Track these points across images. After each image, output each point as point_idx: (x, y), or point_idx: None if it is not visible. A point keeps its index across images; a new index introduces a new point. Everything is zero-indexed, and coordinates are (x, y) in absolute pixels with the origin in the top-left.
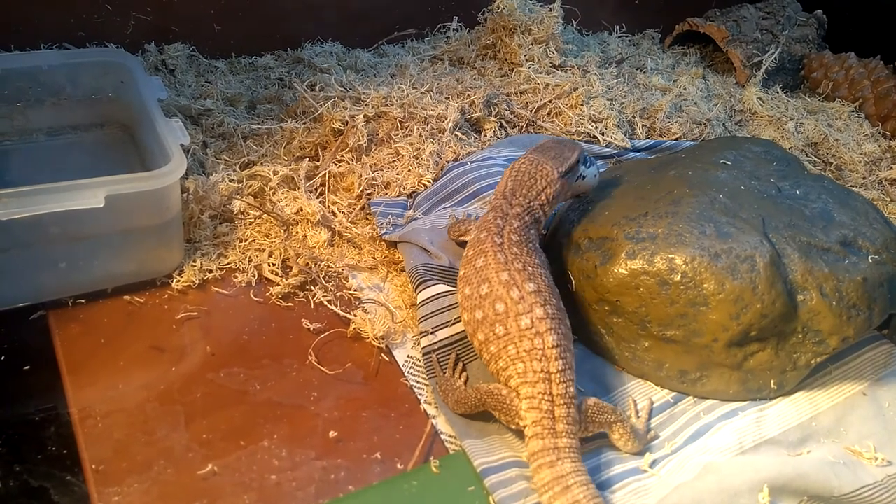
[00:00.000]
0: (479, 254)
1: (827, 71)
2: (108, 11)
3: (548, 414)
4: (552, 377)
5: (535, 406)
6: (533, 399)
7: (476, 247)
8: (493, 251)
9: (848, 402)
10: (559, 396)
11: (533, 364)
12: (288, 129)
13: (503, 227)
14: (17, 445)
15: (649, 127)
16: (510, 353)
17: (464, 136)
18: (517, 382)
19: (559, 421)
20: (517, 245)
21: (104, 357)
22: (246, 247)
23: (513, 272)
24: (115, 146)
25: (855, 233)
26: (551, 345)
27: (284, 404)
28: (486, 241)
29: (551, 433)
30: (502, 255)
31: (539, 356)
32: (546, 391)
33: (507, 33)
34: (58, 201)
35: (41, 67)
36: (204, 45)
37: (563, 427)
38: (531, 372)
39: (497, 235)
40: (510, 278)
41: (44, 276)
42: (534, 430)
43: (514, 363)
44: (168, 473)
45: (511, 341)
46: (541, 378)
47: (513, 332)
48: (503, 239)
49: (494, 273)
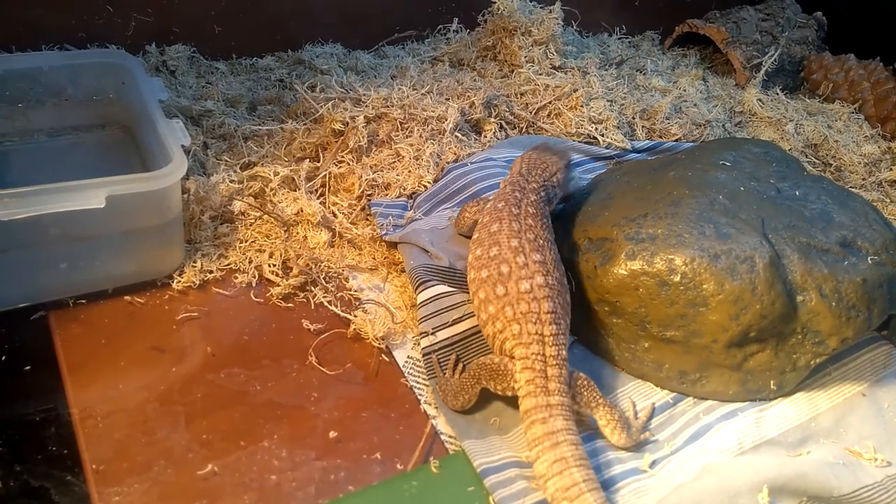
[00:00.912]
0: (495, 220)
1: (827, 72)
2: (109, 13)
3: (540, 373)
4: (545, 339)
5: (528, 366)
6: (526, 360)
7: (492, 214)
8: (508, 218)
9: (847, 403)
10: (552, 357)
11: (528, 326)
12: (288, 130)
13: (521, 200)
14: (18, 445)
15: (649, 128)
16: (507, 315)
17: (464, 137)
18: (512, 344)
19: (551, 380)
20: (532, 217)
21: (105, 357)
22: (246, 247)
23: (523, 241)
24: (116, 147)
25: (854, 234)
26: (547, 310)
27: (284, 405)
28: (504, 209)
29: (544, 391)
30: (517, 223)
31: (534, 319)
32: (539, 352)
33: (507, 35)
34: (59, 202)
35: (42, 68)
36: (205, 47)
37: (555, 385)
38: (526, 334)
39: (515, 206)
40: (520, 245)
41: (44, 277)
42: (527, 389)
43: (510, 324)
44: (168, 473)
45: (509, 303)
46: (535, 339)
47: (512, 293)
48: (520, 210)
49: (506, 238)
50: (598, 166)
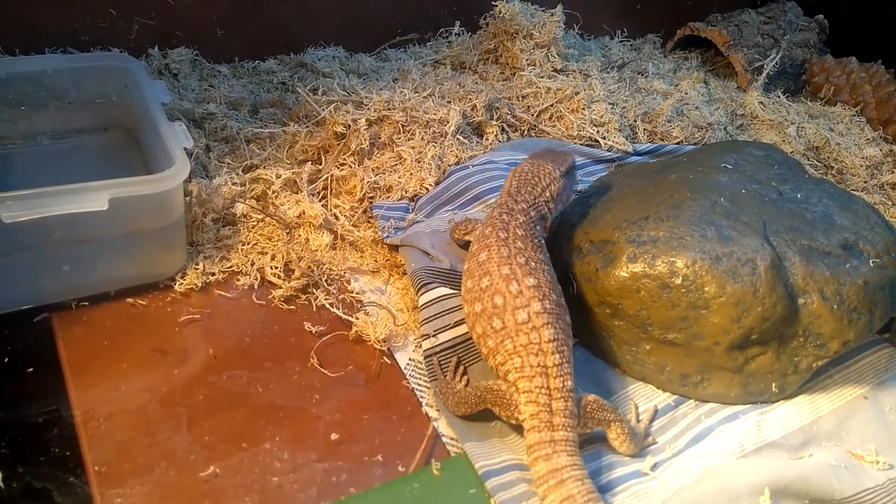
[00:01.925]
0: (483, 248)
1: (828, 75)
2: (113, 16)
3: (545, 407)
4: (549, 371)
5: (532, 400)
6: (530, 393)
7: (480, 241)
8: (496, 245)
9: (849, 406)
10: (556, 390)
11: (530, 358)
12: (290, 133)
13: (508, 223)
14: (21, 447)
15: (650, 131)
16: (507, 348)
17: (465, 139)
18: (515, 377)
19: (556, 414)
20: (521, 239)
21: (107, 359)
22: (248, 250)
23: (514, 266)
24: (119, 150)
25: (856, 236)
26: (548, 339)
27: (286, 406)
28: (491, 235)
29: (548, 426)
30: (506, 249)
31: (535, 350)
32: (543, 385)
33: (509, 38)
34: (62, 204)
35: (46, 71)
36: (207, 50)
37: (559, 420)
38: (528, 366)
39: (502, 230)
40: (511, 272)
41: (47, 279)
42: (531, 424)
43: (511, 358)
44: (170, 475)
45: (508, 335)
46: (538, 372)
47: (510, 326)
48: (508, 234)
49: (496, 267)
50: (600, 169)
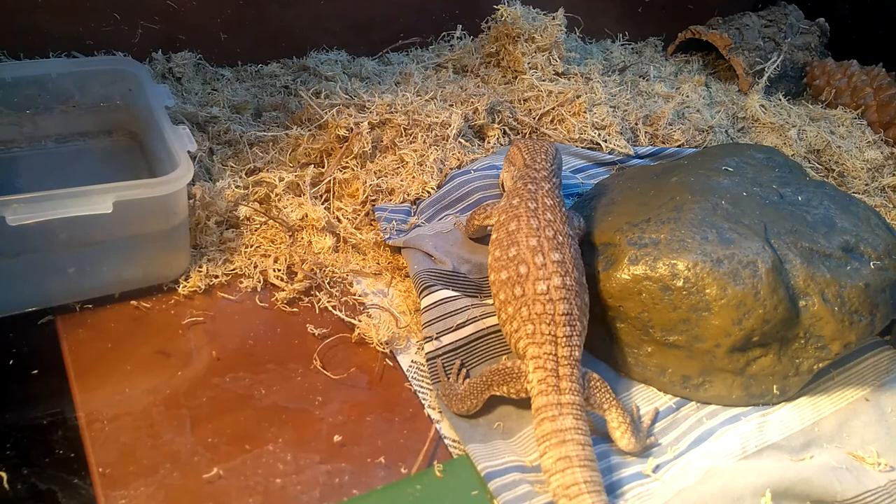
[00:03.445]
0: (513, 218)
1: (829, 78)
2: (117, 20)
3: (552, 373)
4: (558, 340)
5: (540, 365)
6: (539, 359)
7: (509, 212)
8: (526, 216)
9: (851, 408)
10: (563, 358)
11: (542, 327)
12: (293, 137)
13: (536, 192)
14: (26, 449)
15: (652, 134)
16: (523, 315)
17: (467, 143)
18: (525, 343)
19: (563, 379)
20: (551, 210)
21: (111, 361)
22: (251, 252)
23: (542, 239)
24: (123, 153)
25: (857, 239)
26: (562, 312)
27: (289, 409)
28: (520, 206)
29: (555, 390)
30: (535, 220)
31: (548, 320)
32: (552, 352)
33: (511, 41)
34: (66, 207)
35: (50, 75)
36: (210, 54)
37: (566, 385)
38: (539, 334)
39: (531, 200)
40: (538, 244)
41: (52, 281)
42: (539, 388)
43: (525, 324)
44: (174, 477)
45: (526, 303)
46: (548, 340)
47: (529, 294)
48: (537, 203)
49: (525, 237)
50: (601, 172)
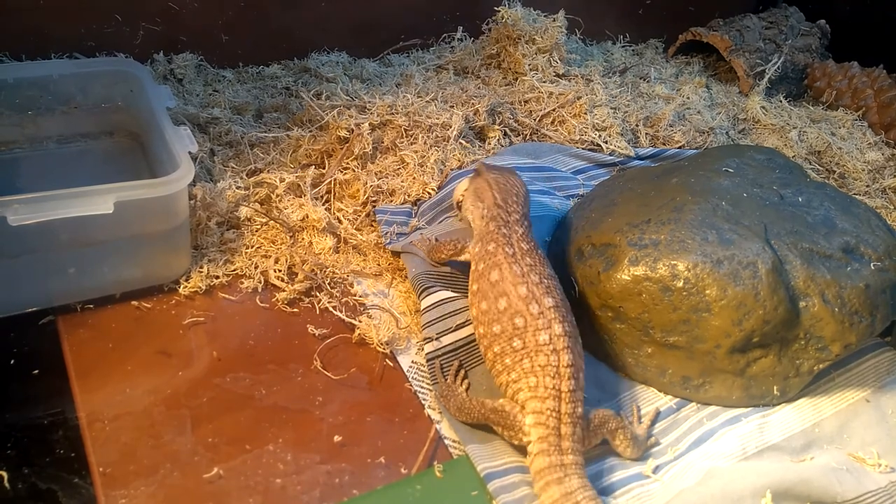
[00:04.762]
0: (493, 266)
1: (830, 80)
2: (118, 22)
3: (554, 431)
4: (562, 395)
5: (541, 422)
6: (540, 415)
7: (487, 260)
8: (507, 263)
9: (851, 409)
10: (566, 415)
11: (545, 380)
12: (294, 138)
13: (510, 237)
14: (26, 448)
15: (652, 135)
16: (525, 367)
17: (468, 144)
18: (526, 396)
19: (565, 438)
20: (529, 254)
21: (112, 361)
22: (252, 253)
23: (531, 286)
24: (124, 154)
25: (857, 240)
26: (566, 363)
27: (290, 409)
28: (497, 252)
29: (557, 450)
30: (517, 266)
31: (553, 373)
32: (554, 408)
33: (511, 43)
34: (68, 207)
35: (52, 76)
36: (212, 55)
37: (568, 444)
38: (542, 387)
39: (507, 245)
40: (529, 293)
41: (53, 282)
42: (539, 447)
43: (527, 376)
44: (174, 477)
45: (527, 355)
46: (551, 395)
47: (530, 346)
48: (514, 248)
49: (512, 286)
50: (602, 173)
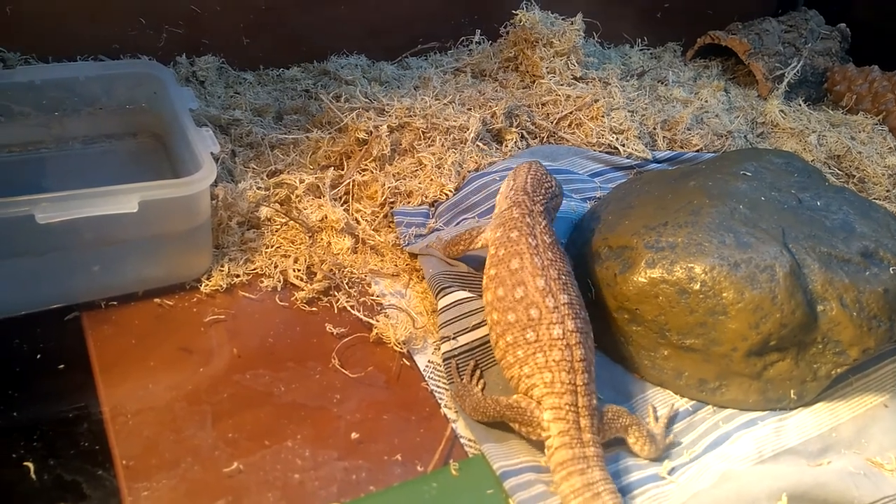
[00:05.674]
0: (514, 255)
1: (850, 84)
2: (142, 25)
3: (574, 424)
4: (578, 389)
5: (561, 417)
6: (559, 409)
7: (508, 247)
8: (529, 254)
9: (869, 414)
10: (584, 408)
11: (561, 375)
12: (314, 139)
13: (534, 227)
14: (52, 441)
15: (670, 139)
16: (538, 361)
17: (485, 146)
18: (542, 392)
19: (585, 431)
20: (551, 248)
21: (135, 357)
22: (272, 253)
23: (549, 280)
24: (148, 154)
25: (876, 244)
26: (579, 358)
27: (308, 406)
28: (520, 241)
29: (579, 443)
30: (538, 258)
31: (567, 368)
32: (572, 402)
33: (529, 46)
34: (93, 206)
35: (78, 78)
36: (233, 58)
37: (589, 437)
38: (559, 383)
39: (530, 236)
40: (546, 286)
41: (78, 279)
42: (561, 441)
43: (541, 371)
44: (195, 470)
45: (541, 349)
46: (568, 389)
47: (544, 339)
48: (537, 240)
49: (531, 277)
50: (619, 176)
